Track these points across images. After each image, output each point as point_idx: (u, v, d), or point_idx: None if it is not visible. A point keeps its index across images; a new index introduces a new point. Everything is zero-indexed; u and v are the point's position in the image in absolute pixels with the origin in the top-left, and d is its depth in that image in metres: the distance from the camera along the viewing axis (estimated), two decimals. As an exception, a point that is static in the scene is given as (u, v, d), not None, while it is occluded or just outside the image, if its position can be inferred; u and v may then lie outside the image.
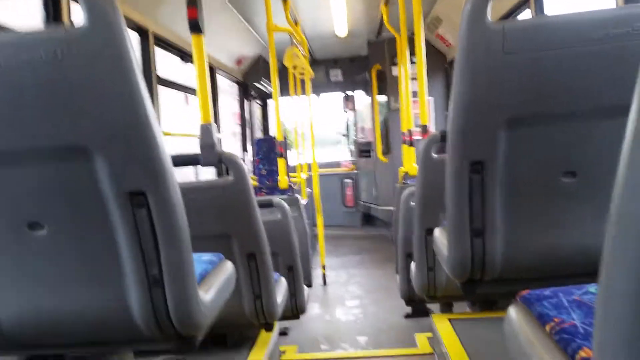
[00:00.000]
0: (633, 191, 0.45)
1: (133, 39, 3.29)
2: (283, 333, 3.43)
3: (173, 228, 1.03)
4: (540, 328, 0.83)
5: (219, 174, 4.07)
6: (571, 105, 1.11)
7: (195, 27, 1.91)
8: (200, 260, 1.36)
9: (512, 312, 0.93)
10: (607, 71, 1.07)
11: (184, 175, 4.66)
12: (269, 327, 2.07)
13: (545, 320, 0.81)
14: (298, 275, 2.70)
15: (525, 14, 3.54)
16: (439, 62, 6.10)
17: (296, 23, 4.87)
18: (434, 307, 3.17)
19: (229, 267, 1.46)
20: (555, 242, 1.20)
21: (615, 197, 0.48)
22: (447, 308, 2.53)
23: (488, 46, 1.08)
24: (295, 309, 2.75)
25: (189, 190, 1.69)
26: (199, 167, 1.89)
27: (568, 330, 0.76)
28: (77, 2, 0.92)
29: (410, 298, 3.00)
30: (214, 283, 1.29)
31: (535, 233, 1.21)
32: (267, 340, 2.20)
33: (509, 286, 1.23)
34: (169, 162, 1.02)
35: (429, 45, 5.39)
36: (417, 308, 3.40)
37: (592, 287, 0.89)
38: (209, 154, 1.77)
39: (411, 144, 3.79)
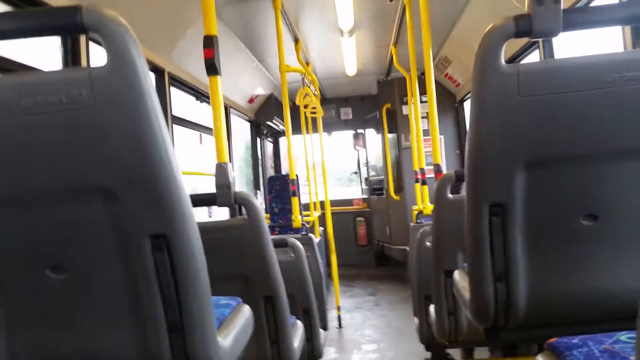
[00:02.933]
0: None
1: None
2: None
3: (193, 271, 1.02)
4: None
5: (233, 213, 4.07)
6: (589, 148, 1.10)
7: (212, 67, 1.94)
8: (218, 304, 1.33)
9: None
10: (622, 114, 1.07)
11: (197, 214, 4.65)
12: None
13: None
14: (314, 318, 2.64)
15: (534, 56, 3.59)
16: (448, 102, 6.16)
17: (307, 63, 4.97)
18: (454, 351, 3.08)
19: (247, 311, 1.43)
20: (579, 286, 1.17)
21: None
22: (468, 354, 2.45)
23: (503, 89, 1.08)
24: (311, 354, 2.68)
25: (205, 231, 1.68)
26: (213, 206, 1.88)
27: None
28: (96, 42, 0.93)
29: (429, 343, 2.92)
30: (232, 328, 1.26)
31: (558, 277, 1.18)
32: None
33: (533, 332, 1.19)
34: (189, 204, 1.01)
35: (438, 85, 5.46)
36: (437, 353, 3.30)
37: (623, 335, 0.86)
38: (225, 193, 1.77)
39: (424, 182, 3.78)
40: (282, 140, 7.85)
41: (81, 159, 0.95)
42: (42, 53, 2.54)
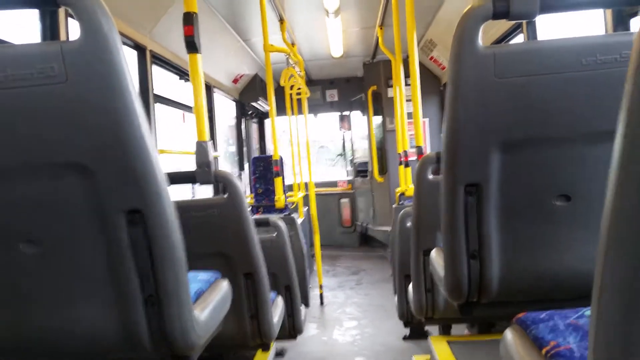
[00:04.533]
0: (619, 215, 0.45)
1: (131, 56, 3.33)
2: (280, 354, 3.39)
3: (168, 246, 1.03)
4: (536, 351, 0.83)
5: (216, 193, 4.07)
6: (562, 130, 1.13)
7: (192, 45, 1.92)
8: (196, 279, 1.35)
9: (509, 334, 0.93)
10: (596, 97, 1.09)
11: (182, 193, 4.65)
12: (265, 348, 2.05)
13: (541, 343, 0.81)
14: (295, 295, 2.68)
15: (519, 39, 3.61)
16: (433, 85, 6.17)
17: (293, 44, 4.93)
18: (432, 329, 3.15)
19: (224, 285, 1.45)
20: (551, 265, 1.21)
21: (604, 220, 0.48)
22: (445, 330, 2.51)
23: (479, 70, 1.09)
24: (292, 330, 2.72)
25: (184, 209, 1.69)
26: (197, 185, 1.89)
27: (563, 353, 0.76)
28: (72, 17, 0.92)
29: (408, 320, 2.98)
30: (209, 302, 1.28)
31: (531, 256, 1.21)
32: None
33: (506, 308, 1.23)
34: (163, 179, 1.02)
35: (423, 68, 5.46)
36: (415, 330, 3.38)
37: (587, 311, 0.89)
38: (205, 172, 1.78)
39: (407, 164, 3.81)
40: (268, 122, 7.81)
41: (54, 134, 0.95)
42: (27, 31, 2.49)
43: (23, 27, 2.48)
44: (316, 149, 9.29)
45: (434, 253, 1.59)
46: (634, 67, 0.43)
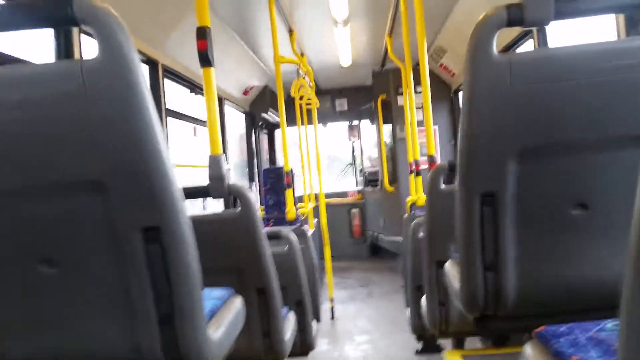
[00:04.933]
0: None
1: (143, 70, 3.36)
2: None
3: (185, 264, 1.02)
4: None
5: (227, 206, 4.07)
6: (580, 137, 1.11)
7: (205, 59, 1.93)
8: (210, 296, 1.34)
9: (529, 349, 0.91)
10: (615, 102, 1.07)
11: (192, 206, 4.67)
12: None
13: (562, 358, 0.79)
14: (307, 310, 2.65)
15: (528, 45, 3.59)
16: (443, 92, 6.15)
17: (302, 54, 4.95)
18: (445, 342, 3.10)
19: (238, 302, 1.44)
20: (570, 276, 1.18)
21: (633, 230, 0.47)
22: (459, 344, 2.47)
23: (495, 78, 1.08)
24: (303, 345, 2.69)
25: (198, 223, 1.68)
26: (208, 199, 1.88)
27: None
28: (89, 35, 0.93)
29: (421, 333, 2.94)
30: (224, 320, 1.27)
31: (548, 267, 1.19)
32: None
33: (523, 322, 1.21)
34: (181, 196, 1.01)
35: (433, 75, 5.44)
36: (428, 343, 3.32)
37: (609, 324, 0.87)
38: (218, 185, 1.77)
39: (418, 173, 3.79)
40: (278, 133, 7.84)
41: (72, 152, 0.95)
42: (40, 48, 2.52)
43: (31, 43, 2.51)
44: (328, 160, 9.30)
45: (448, 265, 1.57)
46: None
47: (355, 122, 7.83)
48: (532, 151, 1.12)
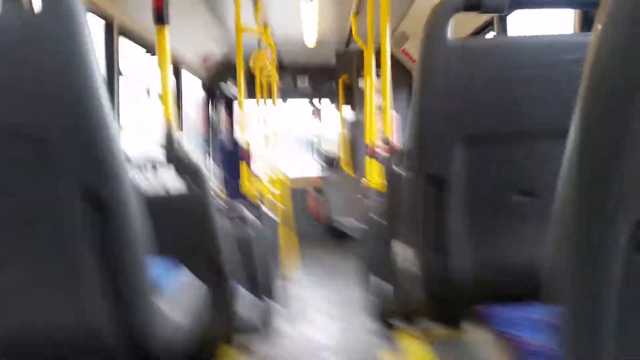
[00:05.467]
0: (566, 207, 0.46)
1: (98, 28, 3.20)
2: (246, 348, 3.35)
3: (130, 233, 0.98)
4: (498, 345, 0.84)
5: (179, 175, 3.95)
6: (526, 126, 1.14)
7: (160, 16, 1.85)
8: (159, 270, 1.30)
9: (472, 329, 0.93)
10: (559, 95, 1.10)
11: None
12: (230, 342, 2.01)
13: (499, 336, 0.82)
14: (262, 289, 2.64)
15: (491, 36, 3.65)
16: (404, 77, 6.19)
17: (265, 27, 4.85)
18: (400, 323, 3.18)
19: (188, 277, 1.41)
20: (514, 260, 1.22)
21: (554, 213, 0.48)
22: (412, 325, 2.54)
23: (447, 62, 1.10)
24: (259, 324, 2.69)
25: (148, 197, 1.62)
26: (159, 169, 1.81)
27: (525, 347, 0.76)
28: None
29: (376, 314, 3.00)
30: (172, 294, 1.23)
31: (494, 251, 1.23)
32: (228, 357, 2.13)
33: (472, 304, 1.24)
34: (123, 158, 0.97)
35: (395, 60, 5.46)
36: (383, 324, 3.40)
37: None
38: (169, 152, 1.71)
39: (373, 156, 3.81)
40: (237, 106, 7.69)
41: (11, 103, 0.90)
42: None
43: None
44: (295, 141, 9.20)
45: (399, 247, 1.59)
46: (589, 66, 0.43)
47: (315, 100, 7.78)
48: (480, 137, 1.14)
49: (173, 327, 1.20)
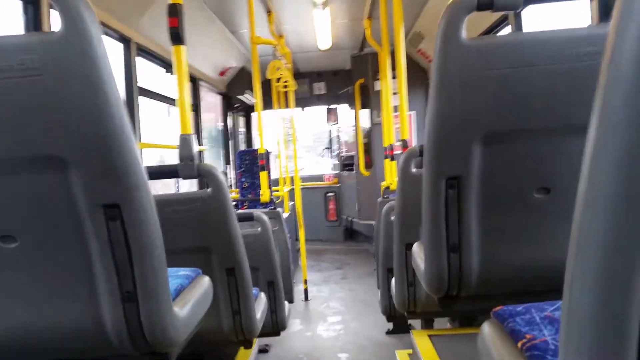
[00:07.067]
0: (590, 208, 0.46)
1: (116, 48, 3.29)
2: (263, 350, 3.38)
3: (147, 242, 1.02)
4: (512, 344, 0.84)
5: (200, 187, 4.04)
6: (543, 123, 1.13)
7: (176, 37, 1.90)
8: (176, 275, 1.34)
9: (486, 328, 0.93)
10: (578, 89, 1.09)
11: (167, 186, 4.62)
12: (248, 345, 2.04)
13: (517, 336, 0.82)
14: (279, 291, 2.67)
15: (507, 31, 3.62)
16: (420, 77, 6.17)
17: (280, 36, 4.90)
18: (415, 323, 3.18)
19: (205, 282, 1.44)
20: (530, 258, 1.22)
21: (576, 214, 0.48)
22: (428, 324, 2.53)
23: (463, 62, 1.09)
24: (275, 326, 2.71)
25: (165, 203, 1.67)
26: (182, 180, 1.86)
27: (539, 346, 0.76)
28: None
29: (391, 314, 2.99)
30: (189, 298, 1.27)
31: (510, 249, 1.22)
32: (246, 358, 2.16)
33: (485, 302, 1.24)
34: (143, 174, 1.00)
35: (410, 61, 5.46)
36: (398, 324, 3.39)
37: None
38: (188, 166, 1.76)
39: (392, 158, 3.81)
40: (255, 116, 7.76)
41: (32, 127, 0.94)
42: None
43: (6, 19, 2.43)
44: (312, 140, 9.25)
45: (415, 247, 1.59)
46: (607, 58, 0.43)
47: (333, 106, 7.81)
48: (498, 135, 1.14)
49: (190, 331, 1.23)
